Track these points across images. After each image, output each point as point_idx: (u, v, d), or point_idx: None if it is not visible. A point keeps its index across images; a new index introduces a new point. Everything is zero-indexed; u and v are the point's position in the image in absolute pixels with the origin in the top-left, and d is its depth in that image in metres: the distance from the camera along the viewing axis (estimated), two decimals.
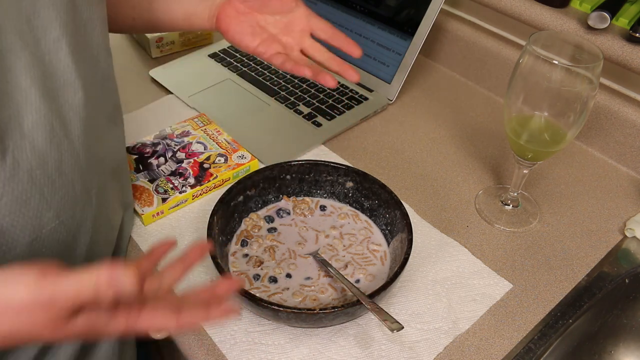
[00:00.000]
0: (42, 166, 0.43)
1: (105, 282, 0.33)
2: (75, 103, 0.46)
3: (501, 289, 0.61)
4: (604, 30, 0.75)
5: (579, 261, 0.65)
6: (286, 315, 0.51)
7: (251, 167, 0.73)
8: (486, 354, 0.55)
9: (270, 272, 0.60)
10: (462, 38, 0.91)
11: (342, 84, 0.89)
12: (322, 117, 0.82)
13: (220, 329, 0.56)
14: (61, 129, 0.45)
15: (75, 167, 0.46)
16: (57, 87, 0.44)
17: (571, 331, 0.59)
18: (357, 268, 0.61)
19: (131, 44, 1.00)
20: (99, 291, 0.33)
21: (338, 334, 0.56)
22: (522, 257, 0.65)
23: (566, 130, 0.58)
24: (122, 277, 0.33)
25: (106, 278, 0.33)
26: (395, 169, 0.76)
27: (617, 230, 0.69)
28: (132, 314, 0.37)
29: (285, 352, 0.55)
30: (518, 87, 0.58)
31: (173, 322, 0.38)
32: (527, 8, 0.81)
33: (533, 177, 0.75)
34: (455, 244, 0.66)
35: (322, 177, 0.67)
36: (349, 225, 0.66)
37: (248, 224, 0.65)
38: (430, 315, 0.58)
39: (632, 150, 0.76)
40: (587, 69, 0.55)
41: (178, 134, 0.76)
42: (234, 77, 0.91)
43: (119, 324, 0.37)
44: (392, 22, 0.86)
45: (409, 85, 0.91)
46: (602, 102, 0.77)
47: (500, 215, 0.69)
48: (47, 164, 0.44)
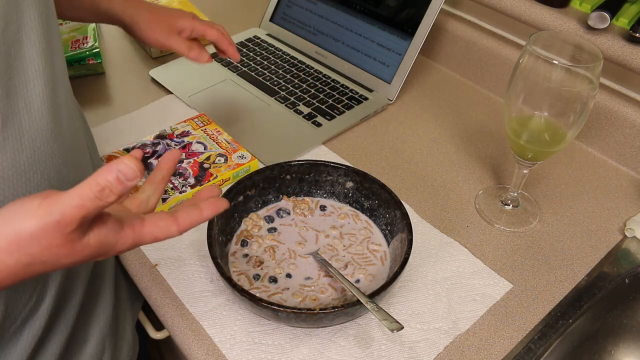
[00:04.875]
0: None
1: (104, 180, 0.32)
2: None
3: (501, 289, 0.61)
4: (604, 30, 0.75)
5: (579, 261, 0.65)
6: (286, 315, 0.51)
7: (251, 167, 0.73)
8: (486, 354, 0.55)
9: (270, 272, 0.60)
10: (462, 38, 0.91)
11: (342, 84, 0.89)
12: (322, 117, 0.83)
13: (220, 329, 0.56)
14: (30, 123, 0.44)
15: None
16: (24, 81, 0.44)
17: (571, 331, 0.59)
18: (357, 268, 0.61)
19: (131, 44, 1.00)
20: (103, 193, 0.32)
21: (338, 334, 0.56)
22: (522, 257, 0.65)
23: (566, 130, 0.58)
24: (120, 166, 0.32)
25: (105, 175, 0.32)
26: (395, 169, 0.76)
27: (617, 230, 0.69)
28: (137, 227, 0.38)
29: (285, 352, 0.55)
30: (518, 87, 0.58)
31: (174, 227, 0.39)
32: (527, 8, 0.81)
33: (533, 177, 0.75)
34: (455, 244, 0.66)
35: (322, 177, 0.67)
36: (349, 225, 0.66)
37: (248, 224, 0.65)
38: (430, 315, 0.58)
39: (632, 150, 0.76)
40: (587, 69, 0.55)
41: (178, 134, 0.76)
42: (234, 77, 0.91)
43: (127, 238, 0.38)
44: (392, 22, 0.86)
45: (409, 85, 0.91)
46: (602, 102, 0.77)
47: (500, 215, 0.69)
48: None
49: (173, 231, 0.39)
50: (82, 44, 0.90)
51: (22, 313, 0.48)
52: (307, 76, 0.91)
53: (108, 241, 0.37)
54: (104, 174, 0.32)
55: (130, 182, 0.33)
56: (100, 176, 0.32)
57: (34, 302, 0.48)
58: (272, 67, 0.92)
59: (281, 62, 0.94)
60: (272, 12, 1.01)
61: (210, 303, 0.58)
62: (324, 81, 0.90)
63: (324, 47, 0.94)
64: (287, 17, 0.99)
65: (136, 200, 0.43)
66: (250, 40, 0.99)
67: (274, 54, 0.96)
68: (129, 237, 0.38)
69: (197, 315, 0.57)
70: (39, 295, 0.49)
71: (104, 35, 1.02)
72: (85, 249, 0.36)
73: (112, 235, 0.37)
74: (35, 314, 0.49)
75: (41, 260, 0.35)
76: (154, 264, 0.62)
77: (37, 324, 0.49)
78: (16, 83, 0.43)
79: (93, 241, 0.36)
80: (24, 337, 0.49)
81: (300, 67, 0.92)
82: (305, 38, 0.96)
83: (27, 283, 0.47)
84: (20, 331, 0.48)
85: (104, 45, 0.99)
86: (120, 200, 0.41)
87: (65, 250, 0.35)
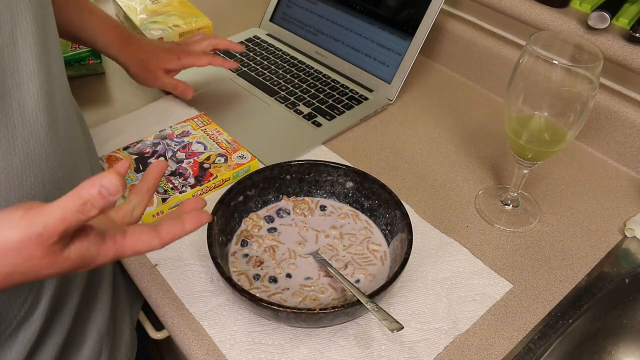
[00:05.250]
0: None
1: (87, 194, 0.33)
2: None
3: (501, 289, 0.61)
4: (604, 30, 0.75)
5: (579, 261, 0.65)
6: (286, 315, 0.51)
7: (251, 167, 0.73)
8: (486, 354, 0.55)
9: (270, 272, 0.60)
10: (462, 38, 0.91)
11: (342, 84, 0.89)
12: (322, 117, 0.82)
13: (220, 329, 0.56)
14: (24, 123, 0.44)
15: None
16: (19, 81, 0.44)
17: (571, 331, 0.59)
18: (357, 268, 0.61)
19: None
20: (85, 207, 0.33)
21: (338, 334, 0.56)
22: (522, 257, 0.65)
23: (566, 130, 0.58)
24: (103, 181, 0.32)
25: (88, 189, 0.33)
26: (395, 169, 0.76)
27: (617, 230, 0.69)
28: (118, 240, 0.38)
29: (285, 352, 0.55)
30: (518, 87, 0.58)
31: (156, 240, 0.39)
32: (527, 8, 0.81)
33: (533, 177, 0.75)
34: (455, 244, 0.66)
35: (322, 177, 0.67)
36: (349, 225, 0.66)
37: (248, 224, 0.65)
38: (430, 315, 0.58)
39: (632, 150, 0.76)
40: (587, 69, 0.55)
41: (178, 134, 0.76)
42: (234, 77, 0.91)
43: (108, 251, 0.38)
44: (392, 22, 0.86)
45: (409, 85, 0.91)
46: (602, 102, 0.77)
47: (500, 215, 0.69)
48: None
49: (155, 244, 0.40)
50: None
51: (17, 316, 0.47)
52: (307, 76, 0.91)
53: (89, 254, 0.37)
54: (86, 187, 0.33)
55: (113, 197, 0.33)
56: (83, 190, 0.33)
57: (29, 305, 0.48)
58: (272, 67, 0.92)
59: (281, 62, 0.94)
60: (272, 12, 1.01)
61: (210, 303, 0.58)
62: (324, 81, 0.90)
63: (324, 47, 0.94)
64: (287, 17, 0.99)
65: (121, 211, 0.43)
66: (250, 40, 0.99)
67: (274, 54, 0.96)
68: (110, 250, 0.38)
69: (197, 315, 0.57)
70: (34, 298, 0.48)
71: None
72: (66, 262, 0.36)
73: (94, 248, 0.37)
74: (31, 317, 0.49)
75: (22, 271, 0.35)
76: (154, 264, 0.62)
77: (32, 327, 0.49)
78: (10, 84, 0.42)
79: (74, 254, 0.36)
80: (19, 340, 0.48)
81: (300, 67, 0.92)
82: (305, 38, 0.96)
83: (22, 286, 0.47)
84: (15, 334, 0.48)
85: None
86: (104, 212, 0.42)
87: (46, 262, 0.35)
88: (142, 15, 0.99)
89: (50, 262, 0.35)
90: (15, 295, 0.46)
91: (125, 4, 1.02)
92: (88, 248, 0.37)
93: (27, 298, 0.47)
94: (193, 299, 0.59)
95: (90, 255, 0.37)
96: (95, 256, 0.38)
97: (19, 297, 0.47)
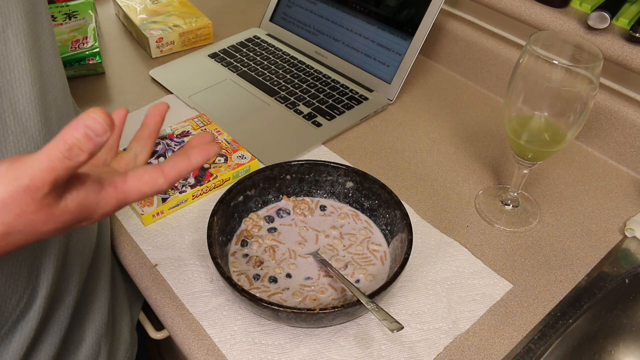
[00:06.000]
0: None
1: (71, 137, 0.30)
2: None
3: (501, 289, 0.61)
4: (604, 30, 0.75)
5: (579, 261, 0.65)
6: (286, 315, 0.51)
7: (251, 167, 0.73)
8: (486, 354, 0.55)
9: (270, 272, 0.60)
10: (462, 38, 0.91)
11: (342, 84, 0.89)
12: (322, 117, 0.82)
13: (220, 329, 0.56)
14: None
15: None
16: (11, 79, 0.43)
17: (571, 331, 0.59)
18: (357, 268, 0.61)
19: (131, 44, 1.00)
20: (72, 152, 0.30)
21: (338, 334, 0.56)
22: (522, 257, 0.65)
23: (566, 130, 0.58)
24: (88, 121, 0.30)
25: (72, 132, 0.30)
26: (395, 169, 0.76)
27: (617, 230, 0.69)
28: (119, 185, 0.35)
29: (285, 352, 0.55)
30: (518, 87, 0.58)
31: (161, 179, 0.36)
32: (527, 8, 0.81)
33: (533, 177, 0.75)
34: (455, 244, 0.66)
35: (322, 177, 0.67)
36: (349, 225, 0.66)
37: (248, 224, 0.65)
38: (430, 315, 0.58)
39: (632, 150, 0.76)
40: (587, 69, 0.55)
41: (178, 134, 0.76)
42: (234, 77, 0.91)
43: (109, 198, 0.35)
44: (392, 22, 0.86)
45: (409, 85, 0.91)
46: (602, 102, 0.77)
47: (500, 215, 0.69)
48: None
49: (160, 184, 0.36)
50: (82, 44, 0.90)
51: (12, 315, 0.47)
52: (307, 76, 0.91)
53: (88, 203, 0.34)
54: (70, 131, 0.30)
55: (100, 137, 0.30)
56: (67, 133, 0.30)
57: (24, 303, 0.47)
58: (272, 67, 0.92)
59: (281, 62, 0.94)
60: (272, 12, 1.01)
61: (210, 303, 0.58)
62: (324, 81, 0.90)
63: (324, 47, 0.94)
64: (287, 17, 0.99)
65: (123, 160, 0.41)
66: (250, 40, 0.99)
67: (274, 54, 0.96)
68: (111, 197, 0.35)
69: (197, 315, 0.57)
70: (30, 296, 0.48)
71: (104, 35, 1.02)
72: (65, 214, 0.34)
73: (92, 196, 0.34)
74: (27, 315, 0.48)
75: (18, 229, 0.33)
76: (154, 264, 0.62)
77: (28, 326, 0.48)
78: (1, 82, 0.42)
79: (72, 204, 0.34)
80: (15, 339, 0.48)
81: (300, 67, 0.92)
82: (305, 38, 0.96)
83: (17, 284, 0.46)
84: (11, 333, 0.48)
85: (104, 45, 0.99)
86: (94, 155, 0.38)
87: (41, 216, 0.33)
88: (142, 15, 0.99)
89: (46, 216, 0.33)
90: (10, 293, 0.46)
91: (125, 4, 1.02)
92: (85, 196, 0.34)
93: (23, 296, 0.47)
94: (193, 299, 0.59)
95: (90, 204, 0.35)
96: (96, 205, 0.35)
97: (14, 295, 0.46)
